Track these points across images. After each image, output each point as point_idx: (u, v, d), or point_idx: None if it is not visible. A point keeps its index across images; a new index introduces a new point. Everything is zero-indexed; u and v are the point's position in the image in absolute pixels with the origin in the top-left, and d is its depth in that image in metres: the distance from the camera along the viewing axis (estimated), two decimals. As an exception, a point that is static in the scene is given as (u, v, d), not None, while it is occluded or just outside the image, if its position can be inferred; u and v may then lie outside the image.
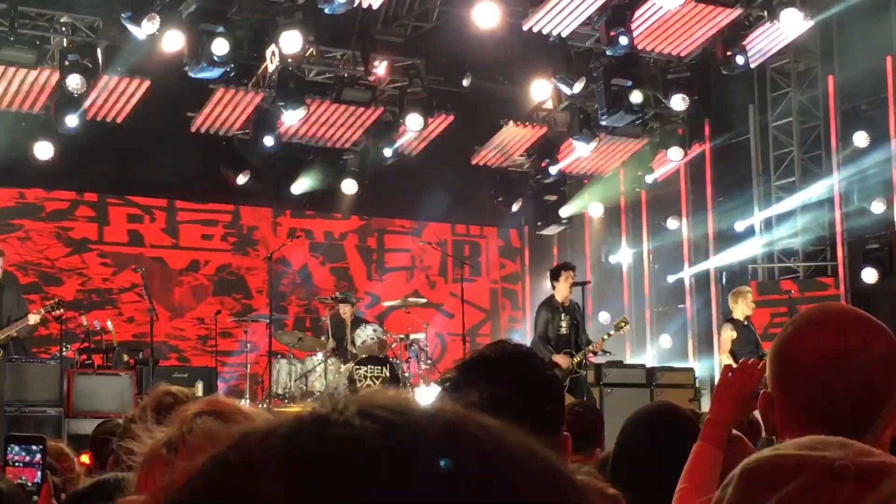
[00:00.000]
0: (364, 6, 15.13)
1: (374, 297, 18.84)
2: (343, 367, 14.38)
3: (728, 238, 18.31)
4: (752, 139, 18.45)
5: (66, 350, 14.18)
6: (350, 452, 0.70)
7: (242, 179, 17.56)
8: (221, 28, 14.35)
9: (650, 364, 17.24)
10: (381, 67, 16.81)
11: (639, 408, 4.33)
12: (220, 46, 14.30)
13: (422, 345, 15.52)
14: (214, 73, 14.91)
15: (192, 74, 14.79)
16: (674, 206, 19.17)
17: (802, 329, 2.17)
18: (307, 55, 15.96)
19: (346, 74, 16.51)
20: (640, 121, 17.73)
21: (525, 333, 19.44)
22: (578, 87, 16.54)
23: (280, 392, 14.60)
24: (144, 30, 14.06)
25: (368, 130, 18.07)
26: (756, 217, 18.24)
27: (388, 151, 18.08)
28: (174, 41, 14.59)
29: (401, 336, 15.37)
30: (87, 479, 4.78)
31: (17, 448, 2.84)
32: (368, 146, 18.18)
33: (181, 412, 1.90)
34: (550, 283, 13.74)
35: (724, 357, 13.38)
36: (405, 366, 15.16)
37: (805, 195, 17.60)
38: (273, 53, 15.43)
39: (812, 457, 1.50)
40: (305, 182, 18.33)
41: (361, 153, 18.28)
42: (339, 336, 15.27)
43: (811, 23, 16.18)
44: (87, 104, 15.81)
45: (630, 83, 16.60)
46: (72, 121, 15.70)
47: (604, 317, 18.15)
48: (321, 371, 14.54)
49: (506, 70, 17.24)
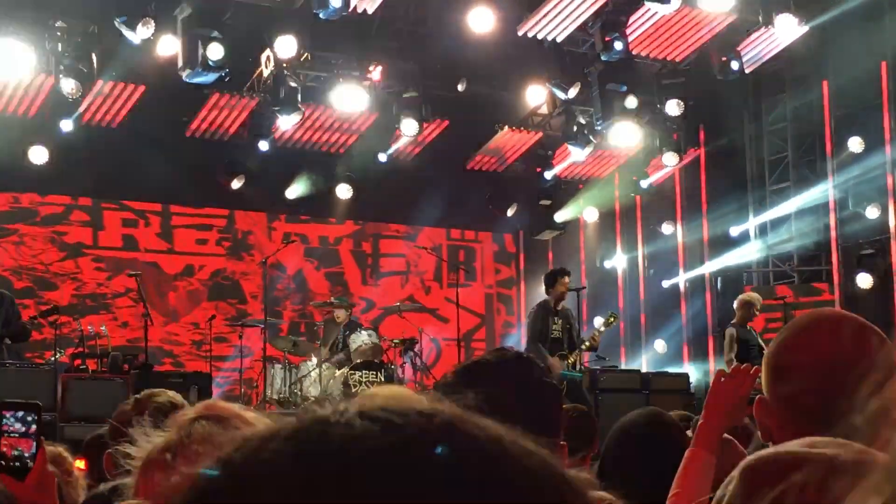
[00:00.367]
0: (359, 11, 15.15)
1: (369, 302, 18.84)
2: (338, 373, 14.37)
3: (723, 243, 18.34)
4: (747, 144, 18.49)
5: (61, 355, 14.15)
6: (351, 452, 0.71)
7: (237, 184, 17.56)
8: (216, 33, 14.35)
9: (645, 369, 17.27)
10: (376, 72, 16.82)
11: (626, 415, 4.34)
12: (215, 51, 14.30)
13: (416, 350, 15.52)
14: (209, 78, 14.91)
15: (187, 79, 14.79)
16: (668, 211, 19.20)
17: (796, 335, 2.18)
18: (302, 60, 15.96)
19: (341, 79, 16.50)
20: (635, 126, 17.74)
21: (520, 339, 19.46)
22: (573, 93, 16.58)
23: (275, 397, 14.58)
24: (139, 34, 14.07)
25: (363, 135, 18.08)
26: (751, 222, 18.27)
27: (383, 156, 18.10)
28: (169, 46, 14.60)
29: (395, 341, 15.36)
30: (84, 482, 4.79)
31: (12, 418, 2.84)
32: (363, 151, 18.19)
33: (179, 417, 1.91)
34: (546, 289, 13.72)
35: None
36: (400, 371, 15.16)
37: (800, 200, 17.62)
38: (268, 58, 15.44)
39: (812, 454, 1.51)
40: (300, 187, 18.34)
41: (356, 158, 18.28)
42: (334, 341, 15.26)
43: (805, 28, 16.21)
44: (82, 109, 15.82)
45: (625, 88, 16.63)
46: (67, 125, 15.71)
47: (598, 322, 18.11)
48: (316, 376, 14.53)
49: (501, 75, 17.25)
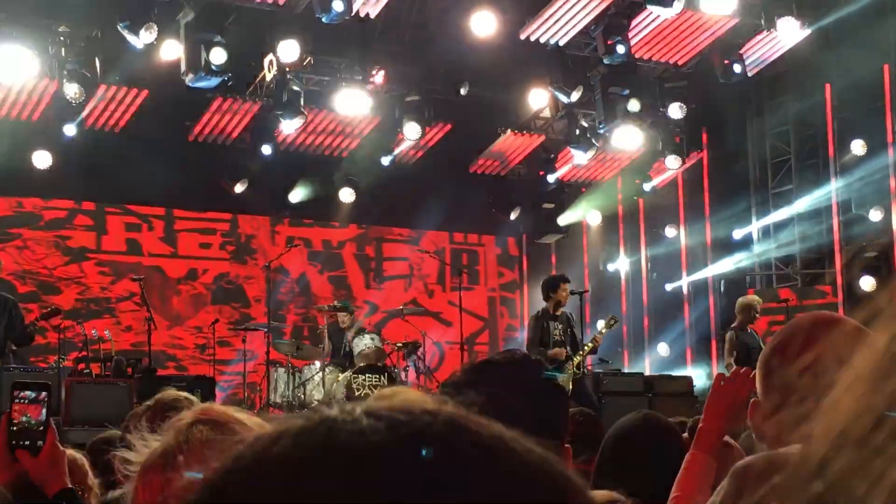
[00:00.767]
0: (361, 15, 15.17)
1: (373, 306, 18.85)
2: (341, 376, 14.37)
3: (726, 246, 18.34)
4: (750, 147, 18.50)
5: (64, 360, 14.17)
6: (357, 449, 0.73)
7: (240, 188, 17.58)
8: (219, 37, 14.37)
9: (648, 372, 17.26)
10: (379, 76, 16.84)
11: (621, 418, 4.35)
12: (218, 56, 14.32)
13: (420, 353, 15.52)
14: (212, 83, 14.93)
15: (190, 83, 14.80)
16: (671, 215, 19.21)
17: (787, 337, 2.19)
18: (305, 64, 15.97)
19: (344, 83, 16.52)
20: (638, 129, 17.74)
21: (523, 342, 19.43)
22: (576, 96, 16.59)
23: (278, 401, 14.58)
24: (142, 39, 14.10)
25: (366, 139, 18.10)
26: (754, 225, 18.28)
27: (386, 160, 18.11)
28: (172, 50, 14.62)
29: (399, 344, 15.37)
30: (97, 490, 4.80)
31: (25, 391, 2.95)
32: (366, 155, 18.20)
33: (176, 422, 1.92)
34: (545, 295, 13.70)
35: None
36: (403, 374, 15.15)
37: (802, 203, 17.63)
38: (271, 62, 15.46)
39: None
40: (303, 191, 18.35)
41: (359, 162, 18.29)
42: (337, 345, 15.26)
43: (808, 31, 16.22)
44: (86, 113, 15.85)
45: (627, 92, 16.64)
46: (70, 130, 15.74)
47: (599, 324, 18.11)
48: (319, 380, 14.53)
49: (503, 79, 17.26)
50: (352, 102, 16.47)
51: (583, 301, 14.40)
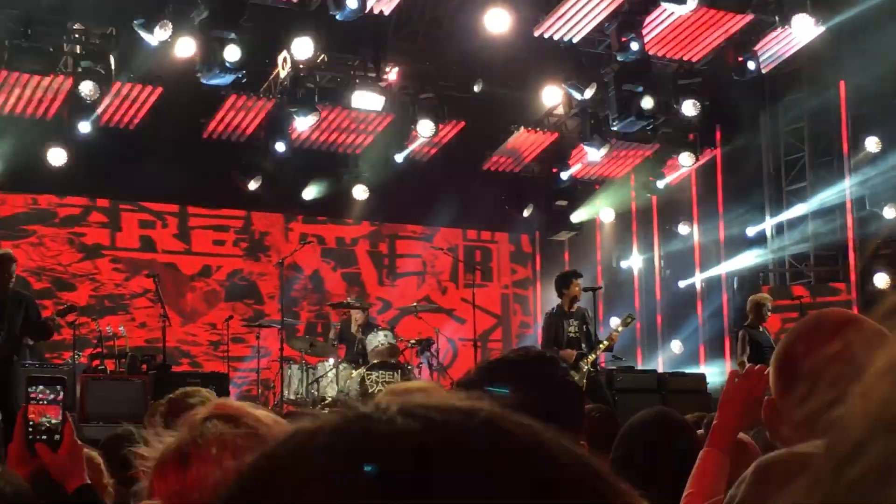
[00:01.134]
0: (375, 12, 15.18)
1: (386, 303, 18.87)
2: (355, 373, 14.39)
3: (739, 243, 18.32)
4: (763, 144, 18.47)
5: (79, 356, 14.23)
6: (393, 448, 0.73)
7: (254, 185, 17.60)
8: (233, 35, 14.38)
9: (661, 370, 17.25)
10: (393, 73, 16.85)
11: (635, 415, 4.34)
12: (232, 53, 14.33)
13: (433, 350, 15.53)
14: (226, 80, 14.94)
15: (205, 81, 14.82)
16: (685, 212, 19.19)
17: (801, 335, 2.19)
18: (319, 61, 15.99)
19: (358, 80, 16.53)
20: (651, 126, 17.73)
21: (536, 338, 19.43)
22: (589, 93, 16.57)
23: (292, 397, 14.60)
24: (157, 36, 14.13)
25: (380, 136, 18.11)
26: (767, 222, 18.24)
27: (400, 157, 18.12)
28: (186, 48, 14.65)
29: (412, 341, 15.38)
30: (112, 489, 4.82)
31: (41, 387, 2.96)
32: (380, 152, 18.22)
33: (190, 417, 1.93)
34: (558, 292, 13.66)
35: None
36: (417, 371, 15.17)
37: (816, 200, 17.59)
38: (285, 60, 15.48)
39: None
40: (317, 188, 18.37)
41: (373, 159, 18.31)
42: (351, 342, 15.29)
43: (822, 28, 16.16)
44: (100, 110, 15.88)
45: (641, 89, 16.61)
46: (84, 127, 15.77)
47: (615, 322, 18.07)
48: (333, 377, 14.56)
49: (517, 76, 17.26)
50: (365, 100, 16.47)
51: (596, 298, 14.39)
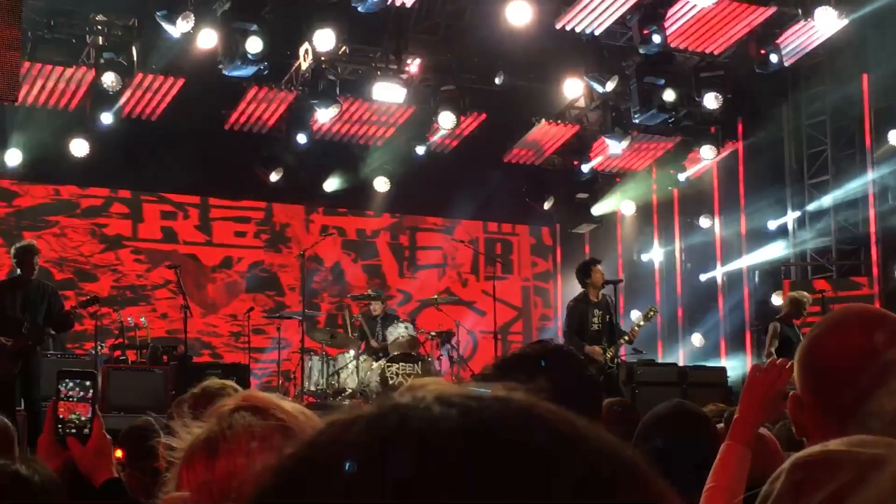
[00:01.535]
0: (397, 4, 15.19)
1: (407, 295, 18.89)
2: (375, 365, 14.42)
3: (760, 237, 18.25)
4: (786, 138, 18.39)
5: (101, 347, 14.28)
6: (429, 436, 0.73)
7: (275, 177, 17.63)
8: (255, 26, 14.41)
9: (682, 363, 17.21)
10: (414, 65, 16.85)
11: (654, 408, 4.33)
12: (254, 44, 14.36)
13: (453, 342, 15.54)
14: (248, 71, 14.97)
15: (226, 72, 14.86)
16: (706, 205, 19.13)
17: (827, 330, 2.18)
18: (340, 53, 16.01)
19: (379, 72, 16.54)
20: (673, 119, 17.69)
21: (556, 331, 19.43)
22: (611, 86, 16.53)
23: (312, 389, 14.65)
24: (179, 28, 14.17)
25: (401, 128, 18.12)
26: (789, 216, 18.17)
27: (421, 149, 18.12)
28: (208, 39, 14.67)
29: (432, 333, 15.40)
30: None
31: (71, 383, 2.98)
32: (401, 144, 18.22)
33: (218, 408, 1.94)
34: (580, 282, 13.58)
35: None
36: (437, 363, 15.19)
37: (839, 194, 17.51)
38: (306, 51, 15.49)
39: (864, 454, 1.52)
40: (338, 180, 18.40)
41: (394, 151, 18.32)
42: (371, 333, 15.31)
43: (845, 21, 16.09)
44: (122, 102, 15.93)
45: (663, 81, 16.57)
46: (107, 118, 15.82)
47: (635, 315, 18.04)
48: (353, 368, 14.59)
49: (538, 68, 17.23)
50: (387, 92, 16.48)
51: (617, 291, 14.34)
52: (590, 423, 0.78)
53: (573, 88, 17.46)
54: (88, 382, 3.02)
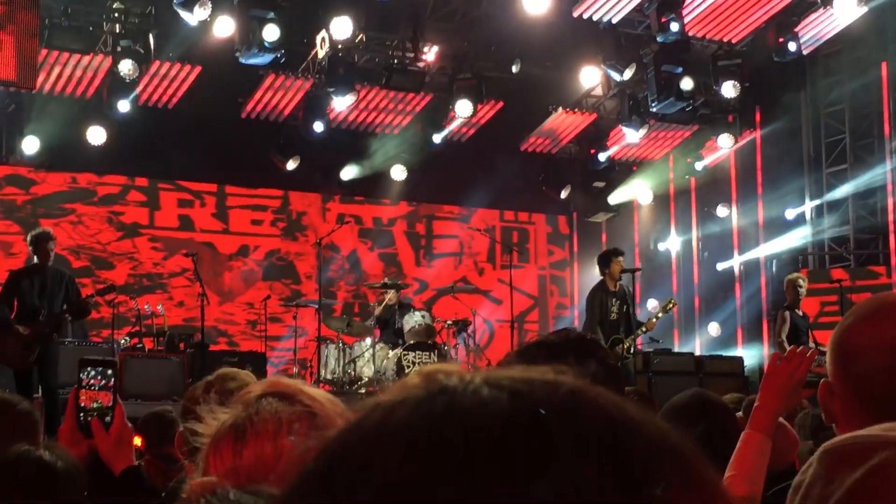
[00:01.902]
0: (414, -8, 15.17)
1: (423, 283, 18.89)
2: (391, 353, 14.42)
3: (778, 226, 18.19)
4: (804, 126, 18.31)
5: (126, 342, 14.32)
6: (479, 418, 0.72)
7: (292, 165, 17.64)
8: (272, 14, 14.41)
9: (699, 352, 17.19)
10: (431, 53, 16.82)
11: (674, 397, 4.31)
12: (271, 32, 14.37)
13: (469, 331, 15.54)
14: (265, 59, 14.98)
15: (243, 60, 14.87)
16: (723, 194, 19.08)
17: (862, 319, 2.17)
18: (357, 41, 16.00)
19: (396, 60, 16.53)
20: (690, 108, 17.64)
21: (573, 320, 19.44)
22: (628, 74, 16.50)
23: (329, 377, 14.66)
24: (196, 16, 14.16)
25: (418, 117, 18.11)
26: (807, 205, 18.11)
27: (438, 138, 18.11)
28: (225, 27, 14.67)
29: (449, 322, 15.40)
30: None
31: (93, 371, 3.00)
32: (418, 132, 18.22)
33: (244, 394, 1.93)
34: (600, 270, 13.59)
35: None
36: (453, 351, 15.19)
37: (857, 183, 17.44)
38: (323, 39, 15.48)
39: (892, 437, 1.51)
40: (354, 168, 18.40)
41: (410, 139, 18.32)
42: (388, 322, 15.31)
43: (865, 9, 16.00)
44: (139, 89, 15.95)
45: (680, 70, 16.52)
46: (124, 106, 15.84)
47: (652, 304, 18.04)
48: (370, 356, 14.59)
49: (555, 56, 17.19)
50: (404, 80, 16.47)
51: (634, 280, 14.32)
52: (641, 408, 0.77)
53: (590, 77, 17.43)
54: (110, 371, 3.02)
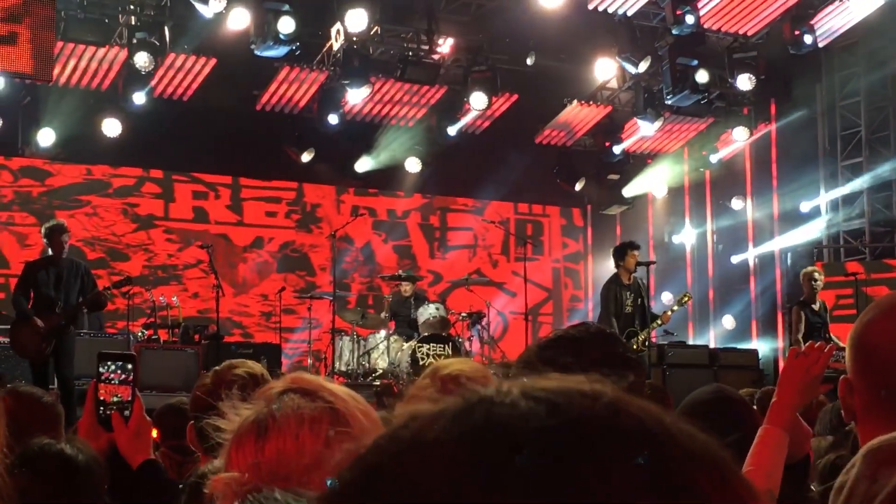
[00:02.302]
0: (429, -16, 15.15)
1: (437, 275, 18.90)
2: (406, 345, 14.44)
3: (793, 219, 18.15)
4: (819, 119, 18.27)
5: (143, 336, 14.35)
6: (517, 431, 0.72)
7: (307, 157, 17.65)
8: (287, 6, 14.42)
9: (713, 345, 17.16)
10: (446, 46, 16.81)
11: (692, 391, 4.30)
12: (286, 25, 14.38)
13: (484, 323, 15.55)
14: (280, 52, 14.99)
15: (258, 52, 14.88)
16: (738, 187, 19.03)
17: (882, 315, 2.16)
18: (372, 34, 15.99)
19: (411, 53, 16.52)
20: (706, 100, 17.59)
21: (587, 313, 19.44)
22: (643, 67, 16.46)
23: (343, 369, 14.69)
24: (211, 8, 14.16)
25: (432, 109, 18.10)
26: (822, 197, 18.06)
27: (452, 130, 18.09)
28: (240, 19, 14.68)
29: (463, 314, 15.40)
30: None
31: (113, 365, 3.00)
32: (432, 125, 18.21)
33: (265, 390, 1.94)
34: (615, 263, 13.60)
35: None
36: (467, 344, 15.20)
37: (872, 176, 17.39)
38: (338, 32, 15.48)
39: None
40: (369, 160, 18.40)
41: (425, 132, 18.31)
42: (402, 314, 15.33)
43: (881, 1, 15.96)
44: (154, 82, 15.97)
45: (696, 62, 16.48)
46: (139, 98, 15.86)
47: (666, 297, 18.02)
48: (384, 348, 14.62)
49: (570, 49, 17.16)
50: (418, 72, 16.46)
51: (648, 272, 14.32)
52: (679, 420, 0.77)
53: (605, 69, 17.39)
54: (130, 365, 3.02)
